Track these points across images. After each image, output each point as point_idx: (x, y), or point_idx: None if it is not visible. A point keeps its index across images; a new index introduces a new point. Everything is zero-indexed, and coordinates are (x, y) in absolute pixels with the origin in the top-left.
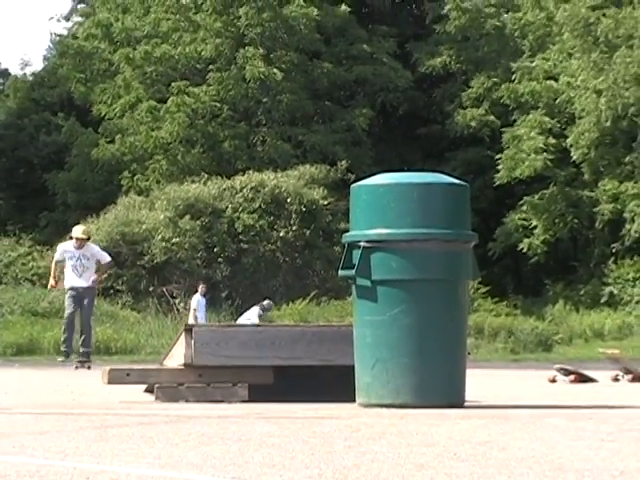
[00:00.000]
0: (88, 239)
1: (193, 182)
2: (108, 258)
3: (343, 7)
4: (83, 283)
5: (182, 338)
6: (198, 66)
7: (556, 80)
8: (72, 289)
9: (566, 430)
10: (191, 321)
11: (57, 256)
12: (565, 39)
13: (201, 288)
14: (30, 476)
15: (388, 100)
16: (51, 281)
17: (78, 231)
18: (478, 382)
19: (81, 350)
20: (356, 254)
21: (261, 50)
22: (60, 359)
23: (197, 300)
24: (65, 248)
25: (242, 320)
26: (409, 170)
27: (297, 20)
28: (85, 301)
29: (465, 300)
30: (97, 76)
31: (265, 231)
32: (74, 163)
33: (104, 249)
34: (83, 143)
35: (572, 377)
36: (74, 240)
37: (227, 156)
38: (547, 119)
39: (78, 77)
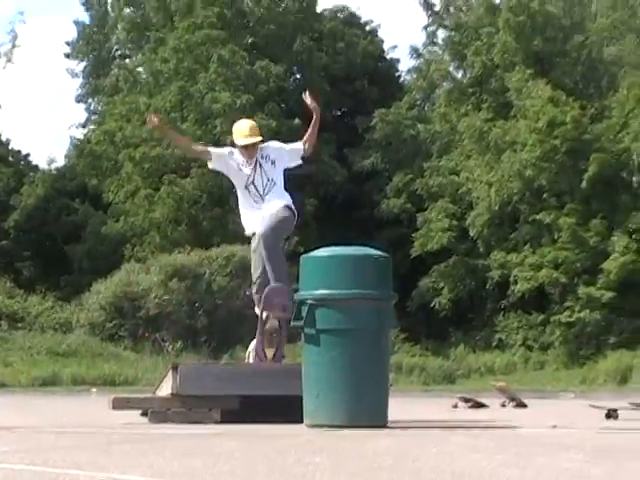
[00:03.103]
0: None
1: (180, 252)
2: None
3: (296, 120)
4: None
5: (170, 374)
6: (184, 163)
7: (458, 175)
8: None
9: (465, 445)
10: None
11: (214, 156)
12: (465, 144)
13: None
14: None
15: (329, 191)
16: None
17: (244, 127)
18: (397, 408)
19: None
20: (304, 309)
21: None
22: None
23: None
24: (232, 157)
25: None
26: (345, 245)
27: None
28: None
29: (388, 344)
30: (106, 171)
31: (235, 290)
32: (88, 238)
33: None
34: (95, 222)
35: (469, 404)
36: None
37: (206, 232)
38: (451, 206)
39: (91, 172)
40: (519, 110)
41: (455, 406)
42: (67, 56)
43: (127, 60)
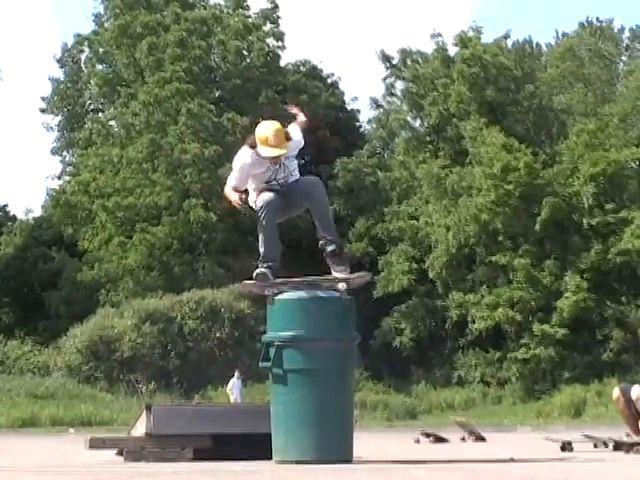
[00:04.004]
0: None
1: (152, 297)
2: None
3: None
4: None
5: (144, 414)
6: (155, 212)
7: (417, 220)
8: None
9: (427, 479)
10: (232, 399)
11: (235, 180)
12: (423, 190)
13: (237, 373)
14: None
15: (294, 236)
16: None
17: (269, 135)
18: (362, 443)
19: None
20: (272, 350)
21: (201, 200)
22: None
23: (232, 382)
24: (253, 169)
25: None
26: None
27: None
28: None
29: (352, 382)
30: (80, 220)
31: (205, 333)
32: (64, 284)
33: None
34: (71, 270)
35: (431, 438)
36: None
37: (177, 278)
38: (411, 249)
39: (66, 221)
40: (474, 157)
41: (417, 441)
42: (42, 111)
43: (100, 114)
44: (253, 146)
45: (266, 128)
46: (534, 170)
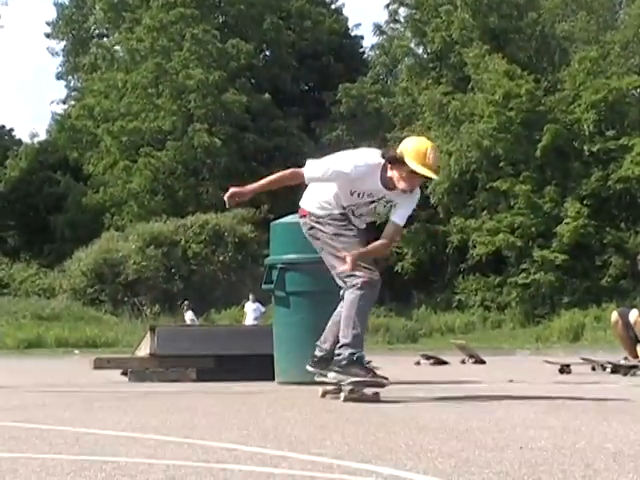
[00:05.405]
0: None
1: (156, 221)
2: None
3: (266, 95)
4: None
5: (148, 335)
6: (159, 136)
7: None
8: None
9: (427, 400)
10: (247, 322)
11: (320, 174)
12: (425, 116)
13: (251, 296)
14: (35, 437)
15: (298, 162)
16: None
17: (431, 157)
18: None
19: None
20: (274, 273)
21: (205, 125)
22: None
23: (247, 305)
24: (344, 181)
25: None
26: None
27: (232, 104)
28: None
29: None
30: (86, 145)
31: (209, 256)
32: (69, 208)
33: None
34: (76, 193)
35: (432, 361)
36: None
37: (181, 202)
38: None
39: (72, 145)
40: (476, 84)
41: (418, 363)
42: (47, 36)
43: (105, 39)
44: (397, 159)
45: (426, 142)
46: (536, 97)
